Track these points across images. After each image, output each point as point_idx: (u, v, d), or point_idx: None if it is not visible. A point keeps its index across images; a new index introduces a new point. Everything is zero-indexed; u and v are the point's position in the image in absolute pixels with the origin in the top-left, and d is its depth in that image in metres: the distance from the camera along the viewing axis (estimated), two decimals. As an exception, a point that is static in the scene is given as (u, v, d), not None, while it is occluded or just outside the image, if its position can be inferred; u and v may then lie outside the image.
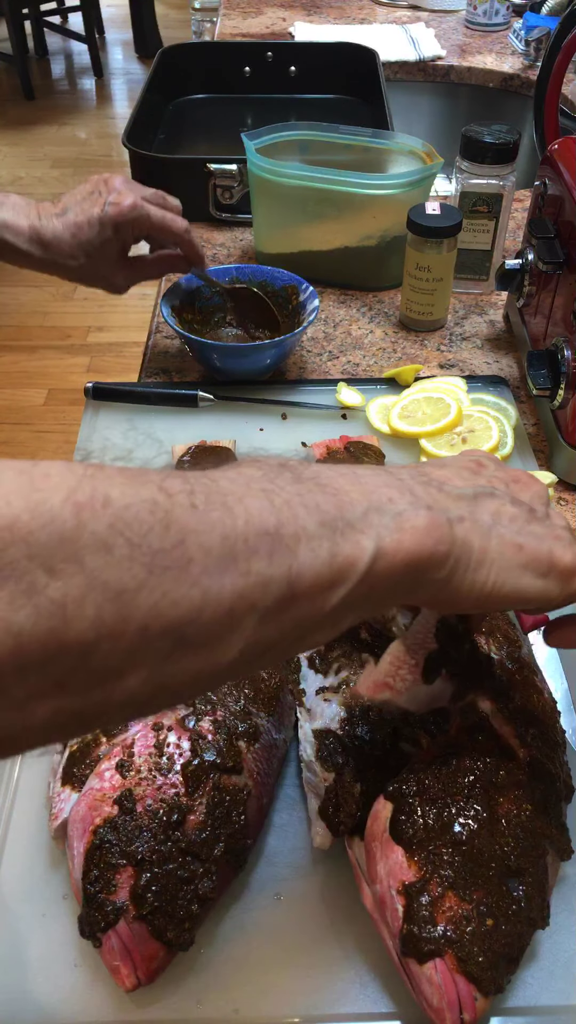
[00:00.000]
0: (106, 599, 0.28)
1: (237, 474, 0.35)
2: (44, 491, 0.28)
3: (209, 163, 1.08)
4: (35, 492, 0.28)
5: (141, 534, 0.29)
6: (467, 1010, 0.40)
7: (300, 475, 0.36)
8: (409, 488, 0.38)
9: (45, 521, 0.27)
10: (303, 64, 1.41)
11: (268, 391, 0.85)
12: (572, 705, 0.59)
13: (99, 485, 0.29)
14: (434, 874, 0.42)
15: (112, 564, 0.28)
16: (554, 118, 1.06)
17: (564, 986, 0.46)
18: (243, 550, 0.31)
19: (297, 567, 0.33)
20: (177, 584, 0.30)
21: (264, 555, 0.32)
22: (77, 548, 0.28)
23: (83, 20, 4.30)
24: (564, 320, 0.75)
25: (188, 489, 0.32)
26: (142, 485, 0.31)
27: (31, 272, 0.80)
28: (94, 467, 0.30)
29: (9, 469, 0.28)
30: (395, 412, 0.81)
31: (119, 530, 0.29)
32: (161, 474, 0.32)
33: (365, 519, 0.35)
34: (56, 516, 0.28)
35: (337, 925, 0.48)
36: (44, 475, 0.29)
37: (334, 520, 0.35)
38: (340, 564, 0.34)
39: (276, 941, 0.47)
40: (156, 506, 0.30)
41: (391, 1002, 0.45)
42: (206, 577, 0.30)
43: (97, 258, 0.78)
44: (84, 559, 0.28)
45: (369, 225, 0.98)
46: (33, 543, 0.27)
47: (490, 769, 0.46)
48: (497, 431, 0.78)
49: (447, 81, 1.63)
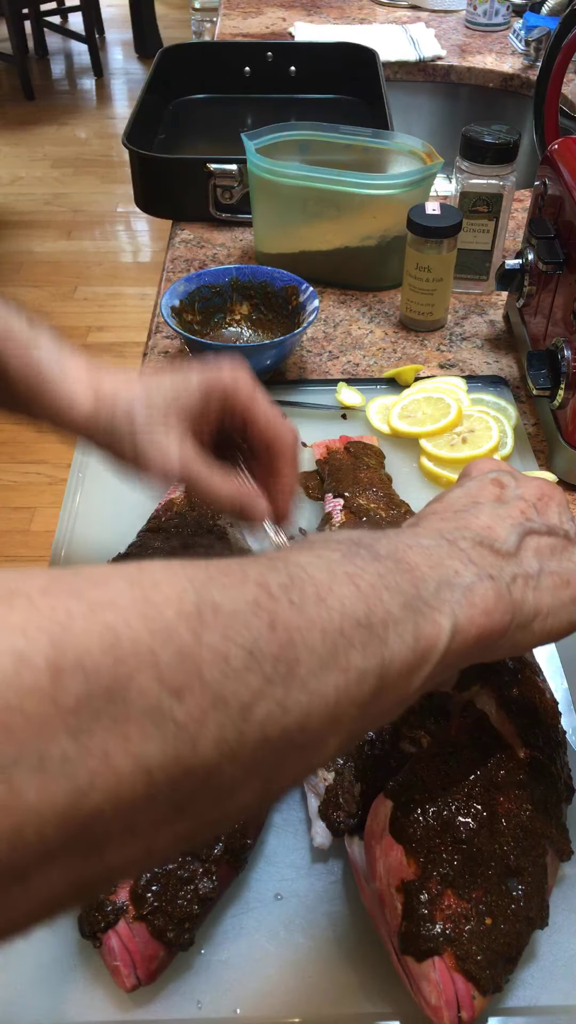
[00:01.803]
0: (227, 716, 0.27)
1: (317, 558, 0.34)
2: (157, 604, 0.27)
3: (209, 163, 1.08)
4: (150, 607, 0.27)
5: (252, 640, 0.28)
6: (465, 1009, 0.40)
7: (376, 552, 0.36)
8: (467, 555, 0.39)
9: (165, 639, 0.26)
10: (303, 64, 1.41)
11: (268, 391, 0.85)
12: (572, 705, 0.59)
13: (204, 590, 0.28)
14: (433, 872, 0.42)
15: (230, 676, 0.27)
16: (554, 118, 1.06)
17: (564, 986, 0.46)
18: (341, 645, 0.31)
19: (388, 655, 0.33)
20: (288, 689, 0.29)
21: (359, 647, 0.32)
22: (196, 663, 0.27)
23: (83, 20, 4.30)
24: (564, 320, 0.75)
25: (282, 582, 0.31)
26: (242, 584, 0.30)
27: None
28: (191, 567, 0.30)
29: (119, 578, 0.27)
30: (395, 412, 0.81)
31: (231, 638, 0.28)
32: (251, 567, 0.31)
33: (438, 596, 0.36)
34: (174, 632, 0.26)
35: (337, 925, 0.48)
36: (154, 584, 0.28)
37: (413, 600, 0.35)
38: (423, 646, 0.35)
39: (276, 941, 0.48)
40: (260, 607, 0.29)
41: (391, 1002, 0.45)
42: (312, 679, 0.30)
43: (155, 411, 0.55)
44: (204, 674, 0.27)
45: (369, 225, 0.98)
46: (157, 663, 0.26)
47: (490, 768, 0.46)
48: (497, 431, 0.78)
49: (447, 81, 1.63)
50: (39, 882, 0.24)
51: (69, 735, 0.24)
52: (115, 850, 0.26)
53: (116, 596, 0.26)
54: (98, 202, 3.40)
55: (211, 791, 0.28)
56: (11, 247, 3.08)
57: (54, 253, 3.05)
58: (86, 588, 0.26)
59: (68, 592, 0.26)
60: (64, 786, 0.23)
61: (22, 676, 0.23)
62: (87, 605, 0.25)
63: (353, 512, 0.67)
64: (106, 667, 0.25)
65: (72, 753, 0.24)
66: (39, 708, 0.23)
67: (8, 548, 2.00)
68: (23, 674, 0.23)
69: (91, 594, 0.26)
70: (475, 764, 0.46)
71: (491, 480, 0.45)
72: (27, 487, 2.13)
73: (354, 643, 0.32)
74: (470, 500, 0.43)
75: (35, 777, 0.23)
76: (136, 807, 0.25)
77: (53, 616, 0.25)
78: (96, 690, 0.24)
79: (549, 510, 0.44)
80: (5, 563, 1.96)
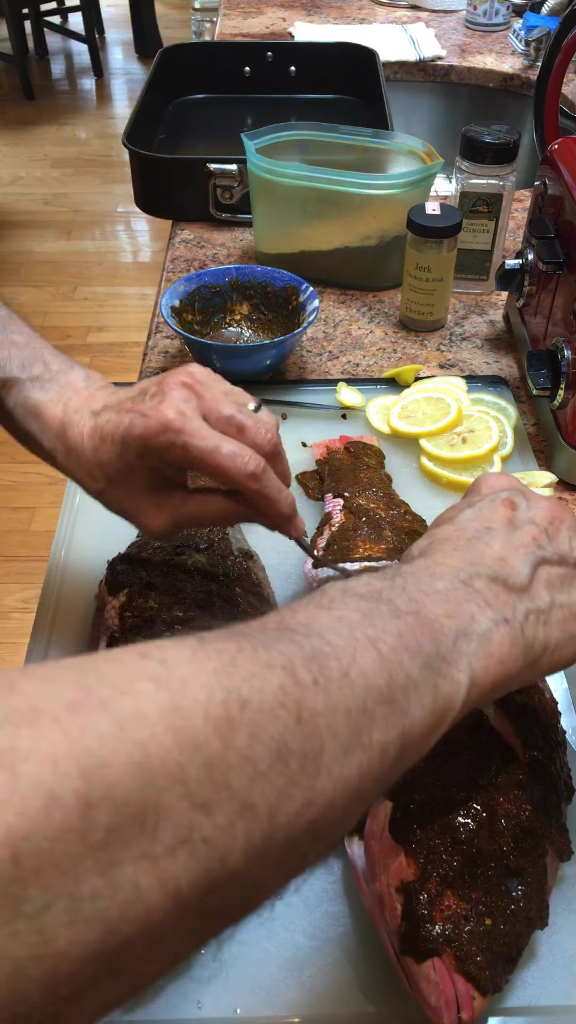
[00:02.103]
0: (255, 822, 0.26)
1: (338, 621, 0.34)
2: (184, 707, 0.26)
3: (209, 163, 1.08)
4: (176, 712, 0.26)
5: (278, 736, 0.28)
6: (465, 1009, 0.40)
7: (396, 608, 0.36)
8: (483, 597, 0.39)
9: (192, 750, 0.25)
10: (303, 64, 1.41)
11: (268, 391, 0.85)
12: (572, 705, 0.59)
13: (230, 682, 0.28)
14: (433, 873, 0.42)
15: (256, 779, 0.27)
16: (554, 118, 1.06)
17: (564, 986, 0.46)
18: (364, 723, 0.31)
19: (408, 723, 0.33)
20: (314, 781, 0.29)
21: (381, 720, 0.32)
22: (224, 771, 0.26)
23: (83, 20, 4.30)
24: (564, 320, 0.75)
25: (306, 656, 0.31)
26: (267, 669, 0.29)
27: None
28: (216, 654, 0.29)
29: (145, 679, 0.27)
30: (395, 412, 0.81)
31: (259, 738, 0.27)
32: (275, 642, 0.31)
33: (456, 649, 0.36)
34: (201, 740, 0.26)
35: (337, 925, 0.48)
36: (181, 685, 0.27)
37: (432, 658, 0.35)
38: (441, 707, 0.35)
39: (276, 941, 0.47)
40: (286, 696, 0.29)
41: (391, 1002, 0.45)
42: (336, 764, 0.30)
43: (119, 488, 0.51)
44: (231, 782, 0.26)
45: (369, 225, 0.98)
46: (185, 780, 0.25)
47: (490, 769, 0.46)
48: (497, 431, 0.78)
49: (447, 81, 1.63)
50: (72, 1018, 0.23)
51: (99, 872, 0.23)
52: (144, 968, 0.26)
53: (144, 705, 0.26)
54: (98, 202, 3.40)
55: (238, 895, 0.27)
56: (11, 247, 3.08)
57: (54, 253, 3.05)
58: (113, 698, 0.25)
59: (96, 706, 0.25)
60: (95, 926, 0.23)
61: (52, 817, 0.22)
62: (116, 723, 0.25)
63: (353, 512, 0.67)
64: (136, 793, 0.24)
65: (102, 890, 0.23)
66: (69, 849, 0.22)
67: (8, 548, 2.00)
68: (53, 814, 0.22)
69: (119, 706, 0.25)
70: (474, 765, 0.46)
71: (503, 501, 0.44)
72: (27, 487, 2.13)
73: (376, 719, 0.32)
74: (482, 525, 0.43)
75: (66, 921, 0.22)
76: (166, 927, 0.25)
77: (82, 741, 0.24)
78: (125, 819, 0.24)
79: (560, 535, 0.44)
80: (5, 563, 1.96)
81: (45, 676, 0.26)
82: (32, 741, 0.23)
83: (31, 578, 1.91)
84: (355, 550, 0.62)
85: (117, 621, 0.56)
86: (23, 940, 0.21)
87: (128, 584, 0.58)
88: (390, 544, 0.63)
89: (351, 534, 0.64)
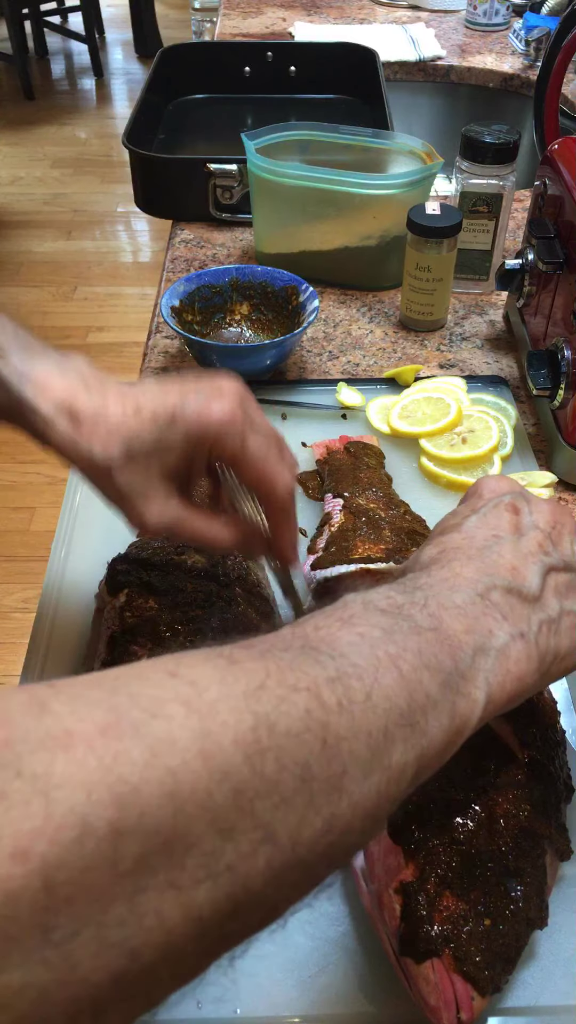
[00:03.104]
0: (276, 847, 0.27)
1: (360, 638, 0.34)
2: (214, 732, 0.26)
3: (209, 163, 1.08)
4: (207, 738, 0.26)
5: (303, 762, 0.28)
6: (464, 1010, 0.40)
7: (417, 624, 0.36)
8: (500, 610, 0.39)
9: (221, 776, 0.26)
10: (303, 64, 1.41)
11: (268, 391, 0.85)
12: (572, 705, 0.59)
13: (259, 707, 0.28)
14: (432, 874, 0.42)
15: (280, 805, 0.27)
16: (554, 118, 1.06)
17: (564, 986, 0.46)
18: (385, 745, 0.31)
19: (426, 743, 0.33)
20: (336, 805, 0.29)
21: (400, 742, 0.32)
22: (250, 798, 0.26)
23: (83, 20, 4.30)
24: (564, 320, 0.75)
25: (330, 677, 0.31)
26: (295, 691, 0.29)
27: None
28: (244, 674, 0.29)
29: (176, 702, 0.26)
30: (395, 412, 0.81)
31: (284, 764, 0.27)
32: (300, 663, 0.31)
33: (474, 665, 0.36)
34: (230, 768, 0.26)
35: (337, 925, 0.48)
36: (210, 706, 0.27)
37: (451, 676, 0.35)
38: (458, 725, 0.35)
39: (276, 941, 0.47)
40: (311, 719, 0.29)
41: (391, 1002, 0.45)
42: (356, 787, 0.30)
43: (136, 465, 0.48)
44: (256, 809, 0.26)
45: (369, 225, 0.98)
46: (213, 807, 0.25)
47: (489, 769, 0.46)
48: (497, 431, 0.78)
49: (447, 81, 1.63)
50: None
51: (125, 899, 0.23)
52: (161, 988, 0.26)
53: (176, 731, 0.26)
54: (98, 202, 3.40)
55: (255, 917, 0.28)
56: (11, 247, 3.08)
57: (54, 253, 3.05)
58: (145, 722, 0.25)
59: (129, 730, 0.25)
60: (119, 953, 0.23)
61: (85, 846, 0.22)
62: (149, 749, 0.25)
63: (352, 512, 0.67)
64: (166, 821, 0.24)
65: (127, 917, 0.23)
66: (99, 877, 0.23)
67: (8, 548, 2.00)
68: (86, 843, 0.22)
69: (151, 730, 0.25)
70: (472, 765, 0.46)
71: (506, 506, 0.44)
72: (27, 487, 2.13)
73: (396, 740, 0.32)
74: (490, 533, 0.43)
75: (92, 948, 0.22)
76: (186, 951, 0.25)
77: (116, 768, 0.24)
78: (154, 848, 0.24)
79: (563, 540, 0.45)
80: (5, 563, 1.96)
81: (75, 695, 0.26)
82: (66, 766, 0.23)
83: (31, 578, 1.91)
84: (354, 550, 0.62)
85: (117, 621, 0.56)
86: (50, 966, 0.22)
87: (128, 584, 0.58)
88: (389, 544, 0.63)
89: (350, 534, 0.64)
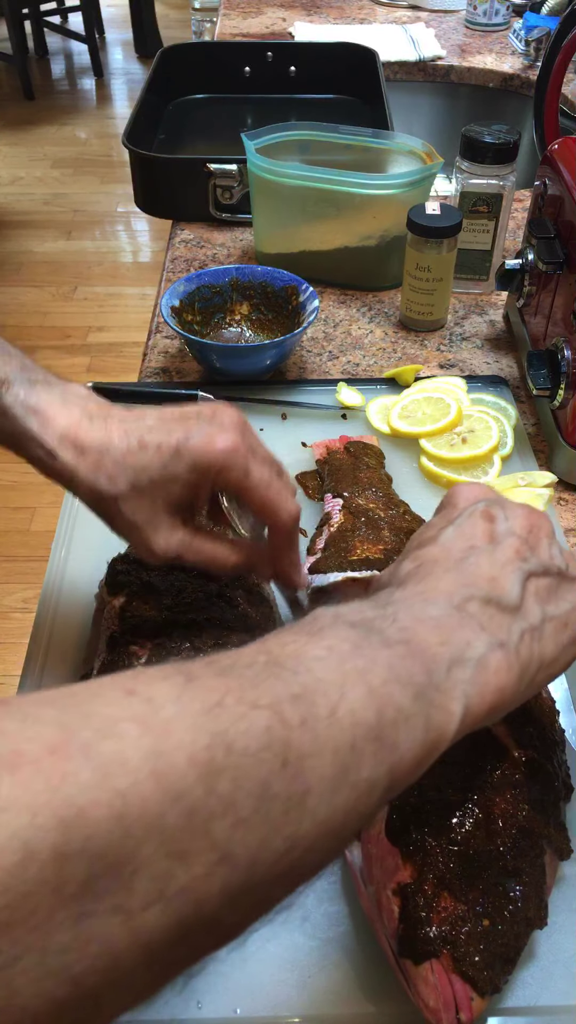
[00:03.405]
0: (233, 870, 0.26)
1: (328, 651, 0.33)
2: (168, 752, 0.25)
3: (209, 163, 1.08)
4: (160, 758, 0.25)
5: (263, 780, 0.27)
6: (463, 1010, 0.40)
7: (387, 638, 0.35)
8: (478, 621, 0.38)
9: (175, 796, 0.25)
10: (303, 64, 1.41)
11: (268, 391, 0.85)
12: (572, 704, 0.59)
13: (216, 725, 0.27)
14: (430, 875, 0.42)
15: (237, 826, 0.26)
16: (554, 118, 1.06)
17: (563, 986, 0.46)
18: (352, 761, 0.30)
19: (397, 757, 0.32)
20: (298, 825, 0.28)
21: (370, 757, 0.31)
22: (205, 819, 0.25)
23: (83, 20, 4.30)
24: (564, 320, 0.75)
25: (294, 695, 0.30)
26: (255, 709, 0.28)
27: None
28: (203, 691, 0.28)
29: (130, 721, 0.26)
30: (395, 412, 0.81)
31: (241, 783, 0.26)
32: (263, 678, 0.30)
33: (450, 677, 0.35)
34: (184, 788, 0.25)
35: (337, 925, 0.48)
36: (165, 727, 0.26)
37: (425, 688, 0.34)
38: (433, 737, 0.34)
39: (276, 941, 0.47)
40: (272, 737, 0.28)
41: (391, 1002, 0.45)
42: (322, 806, 0.29)
43: (143, 496, 0.50)
44: (211, 829, 0.25)
45: (369, 225, 0.98)
46: (165, 829, 0.24)
47: (486, 769, 0.46)
48: (497, 431, 0.78)
49: (447, 81, 1.63)
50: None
51: (70, 924, 0.22)
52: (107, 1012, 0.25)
53: (127, 750, 0.25)
54: (98, 202, 3.40)
55: (210, 940, 0.27)
56: (11, 247, 3.08)
57: (54, 253, 3.05)
58: (95, 742, 0.25)
59: (79, 750, 0.24)
60: (62, 979, 0.22)
61: (27, 870, 0.22)
62: (98, 770, 0.24)
63: (352, 512, 0.67)
64: (113, 844, 0.23)
65: (71, 943, 0.22)
66: (42, 902, 0.22)
67: (8, 548, 2.00)
68: (28, 868, 0.22)
69: (102, 750, 0.25)
70: (470, 765, 0.46)
71: (481, 514, 0.44)
72: (27, 487, 2.13)
73: (365, 756, 0.31)
74: (466, 544, 0.42)
75: (33, 975, 0.22)
76: (134, 976, 0.24)
77: (62, 789, 0.23)
78: (100, 871, 0.23)
79: (540, 544, 0.44)
80: (5, 563, 1.96)
81: (28, 714, 0.25)
82: (11, 789, 0.23)
83: (31, 578, 1.91)
84: (354, 551, 0.62)
85: (117, 621, 0.56)
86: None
87: (128, 584, 0.58)
88: (388, 544, 0.63)
89: (349, 535, 0.64)
